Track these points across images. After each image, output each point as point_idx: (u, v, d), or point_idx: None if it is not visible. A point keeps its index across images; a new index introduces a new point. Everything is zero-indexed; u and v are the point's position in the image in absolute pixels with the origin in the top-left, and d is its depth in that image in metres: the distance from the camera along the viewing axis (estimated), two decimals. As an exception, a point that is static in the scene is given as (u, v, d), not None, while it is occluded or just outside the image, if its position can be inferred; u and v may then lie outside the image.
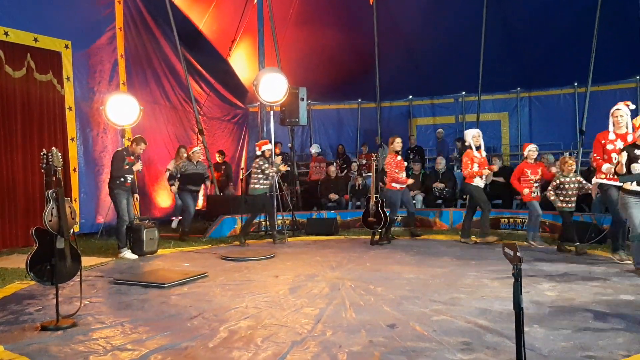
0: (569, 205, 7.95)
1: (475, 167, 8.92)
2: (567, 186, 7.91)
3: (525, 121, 14.87)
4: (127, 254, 8.17)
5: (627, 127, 7.01)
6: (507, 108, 15.07)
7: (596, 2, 11.78)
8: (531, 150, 8.88)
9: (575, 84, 13.97)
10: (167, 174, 11.03)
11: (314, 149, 14.87)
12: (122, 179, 8.21)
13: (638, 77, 13.40)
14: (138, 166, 8.39)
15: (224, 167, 13.15)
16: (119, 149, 8.77)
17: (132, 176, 8.36)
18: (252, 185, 9.68)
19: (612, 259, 7.22)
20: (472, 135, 9.08)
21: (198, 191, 10.51)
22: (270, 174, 9.65)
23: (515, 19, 13.63)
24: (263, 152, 9.80)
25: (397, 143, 9.57)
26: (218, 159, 13.15)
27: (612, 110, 7.10)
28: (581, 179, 8.02)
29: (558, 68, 13.62)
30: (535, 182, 8.62)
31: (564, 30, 13.15)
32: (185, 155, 10.72)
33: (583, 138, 12.34)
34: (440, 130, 14.99)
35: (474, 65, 13.44)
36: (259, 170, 9.61)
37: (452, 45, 13.88)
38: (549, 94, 14.68)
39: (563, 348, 3.79)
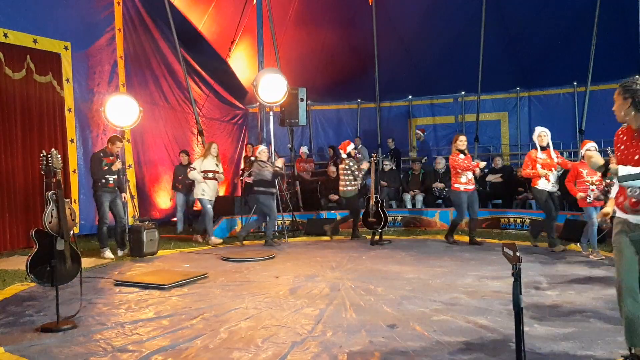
0: None
1: (539, 169, 8.06)
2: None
3: (524, 121, 14.85)
4: (107, 253, 8.24)
5: None
6: (507, 108, 15.06)
7: (595, 1, 11.78)
8: (589, 149, 7.76)
9: (575, 83, 13.95)
10: (192, 172, 9.75)
11: (303, 150, 14.59)
12: (104, 181, 8.23)
13: (637, 77, 13.38)
14: (117, 165, 8.38)
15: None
16: (96, 151, 8.80)
17: (114, 176, 8.34)
18: (342, 188, 9.81)
19: (612, 258, 7.22)
20: (537, 134, 8.23)
21: (274, 194, 9.72)
22: (359, 175, 9.69)
23: (514, 18, 13.61)
24: (349, 153, 9.86)
25: (461, 142, 8.84)
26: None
27: None
28: None
29: (557, 67, 13.62)
30: (592, 184, 7.50)
31: (563, 29, 13.15)
32: (216, 152, 10.11)
33: (582, 137, 12.33)
34: (418, 132, 14.93)
35: (473, 65, 13.42)
36: (348, 172, 9.67)
37: (451, 44, 13.87)
38: (548, 94, 14.67)
39: (563, 347, 3.80)
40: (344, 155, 9.91)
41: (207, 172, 9.80)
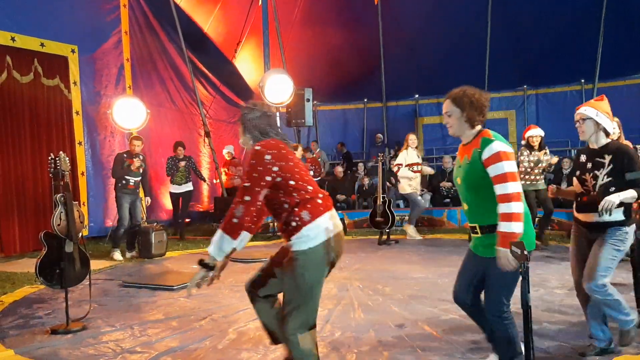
0: None
1: None
2: None
3: (532, 119, 14.77)
4: (116, 255, 8.25)
5: None
6: (514, 106, 15.00)
7: (601, -2, 11.74)
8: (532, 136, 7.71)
9: (582, 80, 13.87)
10: (402, 170, 9.43)
11: (227, 150, 12.94)
12: (124, 182, 8.24)
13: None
14: (136, 163, 8.37)
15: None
16: (120, 152, 8.84)
17: (135, 178, 8.33)
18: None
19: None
20: None
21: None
22: (531, 167, 7.89)
23: (520, 16, 13.57)
24: (527, 140, 8.07)
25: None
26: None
27: None
28: None
29: (564, 64, 13.56)
30: None
31: (570, 26, 13.09)
32: (415, 143, 9.63)
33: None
34: (379, 135, 15.05)
35: (479, 63, 13.41)
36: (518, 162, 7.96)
37: (458, 43, 13.84)
38: (555, 91, 14.59)
39: (573, 346, 3.78)
40: (522, 142, 8.17)
41: (412, 166, 9.43)
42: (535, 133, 8.01)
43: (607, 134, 3.54)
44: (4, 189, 8.71)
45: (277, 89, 10.29)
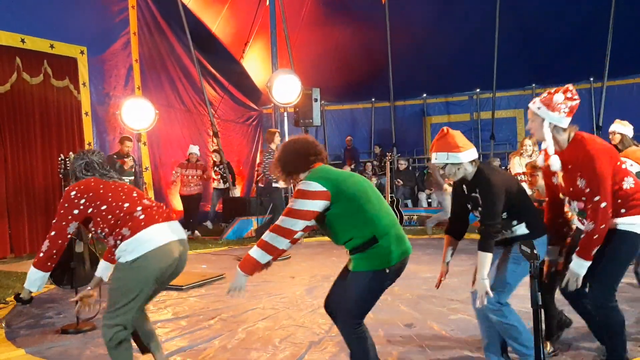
0: None
1: None
2: None
3: (540, 117, 14.71)
4: None
5: None
6: (523, 104, 14.90)
7: (610, -4, 11.65)
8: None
9: (591, 78, 13.79)
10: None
11: (193, 151, 11.20)
12: None
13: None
14: (128, 163, 8.37)
15: None
16: (109, 154, 8.88)
17: (129, 178, 8.37)
18: None
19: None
20: None
21: None
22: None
23: (529, 14, 13.51)
24: None
25: None
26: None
27: None
28: None
29: (573, 63, 13.46)
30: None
31: (579, 24, 13.01)
32: (531, 150, 7.62)
33: (600, 134, 12.19)
34: (349, 137, 15.25)
35: (488, 62, 13.33)
36: None
37: (466, 42, 13.80)
38: (564, 90, 14.51)
39: (582, 344, 3.77)
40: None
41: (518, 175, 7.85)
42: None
43: (473, 161, 3.23)
44: (14, 190, 8.78)
45: (285, 89, 10.29)
